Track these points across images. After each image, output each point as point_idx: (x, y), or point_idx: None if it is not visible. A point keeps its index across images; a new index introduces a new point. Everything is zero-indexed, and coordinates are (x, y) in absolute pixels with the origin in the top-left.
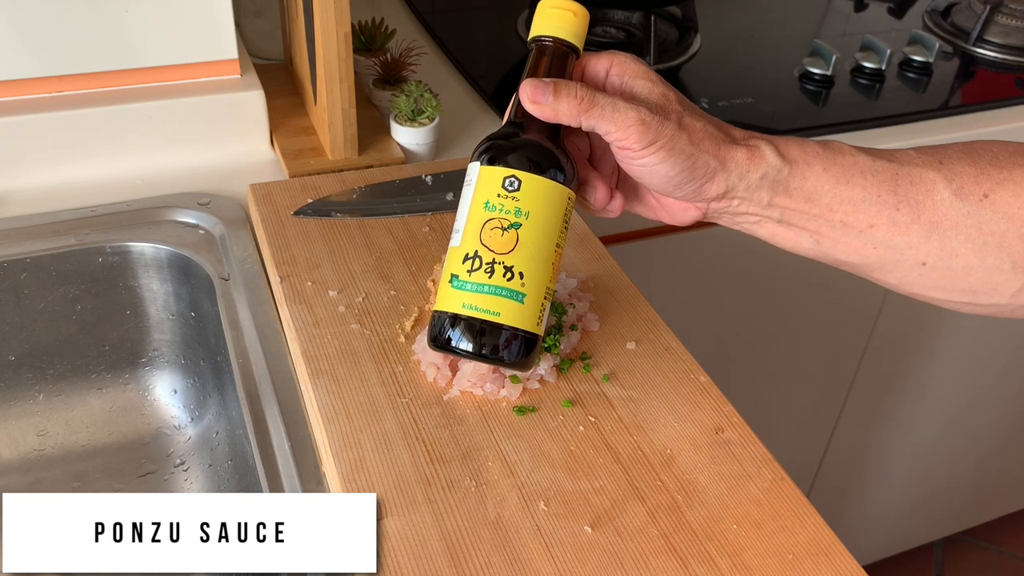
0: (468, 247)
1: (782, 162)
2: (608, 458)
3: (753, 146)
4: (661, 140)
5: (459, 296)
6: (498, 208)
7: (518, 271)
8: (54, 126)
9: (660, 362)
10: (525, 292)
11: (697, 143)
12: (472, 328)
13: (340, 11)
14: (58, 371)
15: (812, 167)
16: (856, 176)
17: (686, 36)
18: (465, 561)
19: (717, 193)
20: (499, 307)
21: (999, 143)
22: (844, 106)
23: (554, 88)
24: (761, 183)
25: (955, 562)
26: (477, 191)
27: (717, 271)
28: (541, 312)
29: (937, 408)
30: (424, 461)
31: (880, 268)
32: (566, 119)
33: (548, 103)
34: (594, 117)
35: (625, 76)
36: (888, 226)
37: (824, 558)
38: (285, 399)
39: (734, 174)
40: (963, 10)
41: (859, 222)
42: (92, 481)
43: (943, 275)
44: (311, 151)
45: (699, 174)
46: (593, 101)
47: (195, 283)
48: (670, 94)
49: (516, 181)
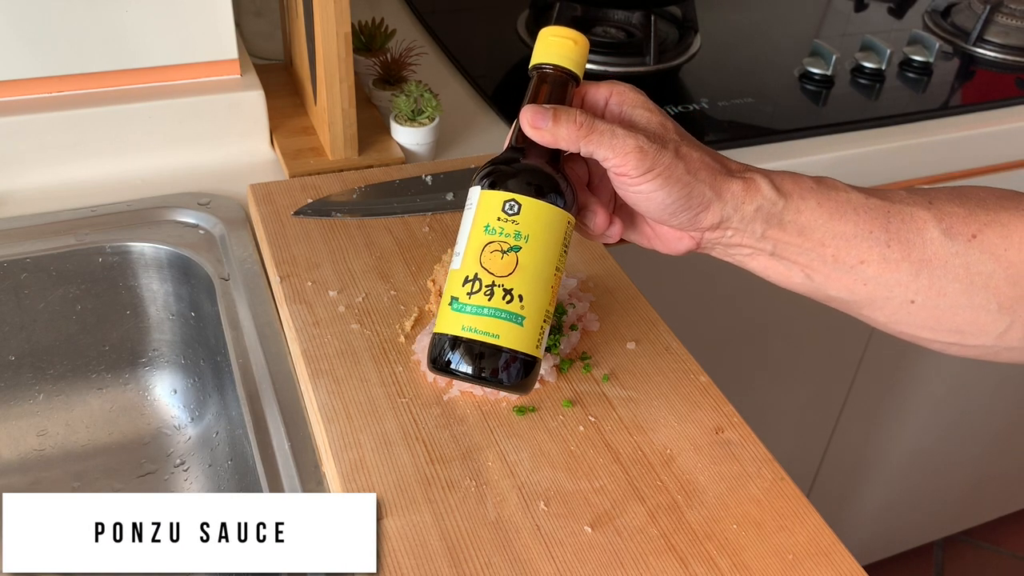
0: (468, 270)
1: (777, 195)
2: (608, 458)
3: (749, 178)
4: (658, 168)
5: (459, 319)
6: (498, 231)
7: (517, 293)
8: (54, 126)
9: (660, 362)
10: (524, 315)
11: (694, 172)
12: (471, 351)
13: (340, 11)
14: (58, 371)
15: (807, 201)
16: (849, 212)
17: (686, 36)
18: (465, 561)
19: (712, 223)
20: (498, 329)
21: (986, 188)
22: (844, 106)
23: (554, 114)
24: (756, 215)
25: (955, 562)
26: (478, 214)
27: (717, 271)
28: (540, 335)
29: (937, 408)
30: (424, 461)
31: (869, 305)
32: (565, 144)
33: (548, 128)
34: (593, 143)
35: (624, 105)
36: (879, 262)
37: (824, 558)
38: (285, 399)
39: (729, 205)
40: (963, 10)
41: (850, 257)
42: (92, 481)
43: (931, 313)
44: (311, 151)
45: (695, 203)
46: (592, 127)
47: (195, 283)
48: (668, 124)
49: (516, 205)
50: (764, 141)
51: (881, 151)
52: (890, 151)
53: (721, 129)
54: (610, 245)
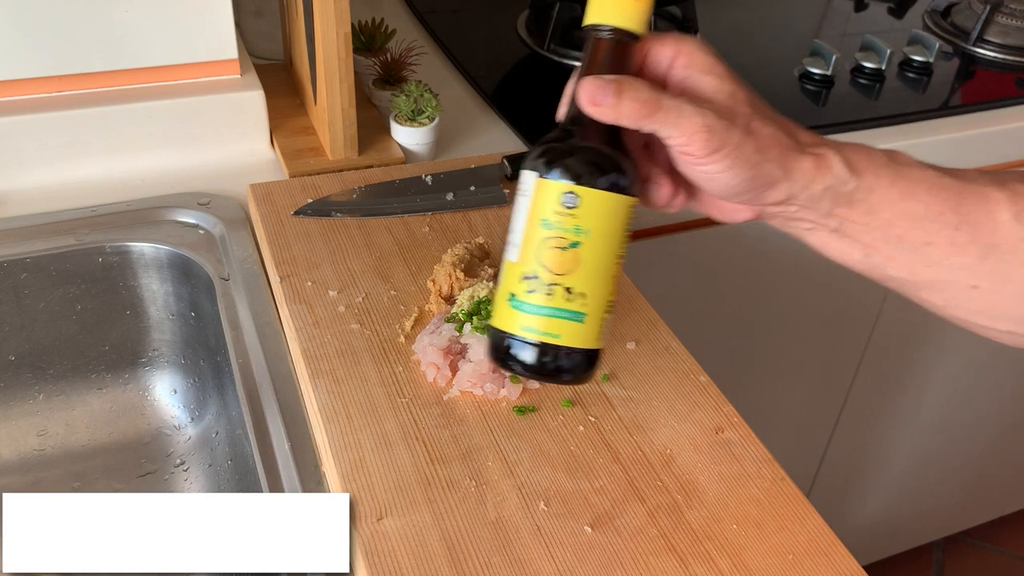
0: (526, 267)
1: (849, 173)
2: (608, 458)
3: (820, 154)
4: (727, 148)
5: (518, 317)
6: (557, 226)
7: (579, 291)
8: (54, 126)
9: (660, 362)
10: (586, 312)
11: (763, 151)
12: (531, 349)
13: (340, 11)
14: (58, 371)
15: (880, 179)
16: (922, 192)
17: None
18: (465, 561)
19: (776, 199)
20: (559, 330)
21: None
22: (844, 106)
23: (616, 89)
24: (824, 194)
25: (955, 562)
26: (534, 206)
27: (717, 271)
28: (602, 327)
29: (937, 408)
30: (424, 461)
31: (929, 287)
32: (627, 122)
33: (610, 105)
34: (658, 121)
35: (692, 68)
36: (946, 245)
37: (824, 558)
38: (285, 399)
39: (798, 184)
40: (963, 10)
41: (917, 239)
42: (92, 481)
43: (992, 300)
44: (311, 151)
45: (761, 183)
46: (658, 105)
47: (195, 283)
48: (739, 93)
49: (576, 198)
50: None
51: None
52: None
53: None
54: None
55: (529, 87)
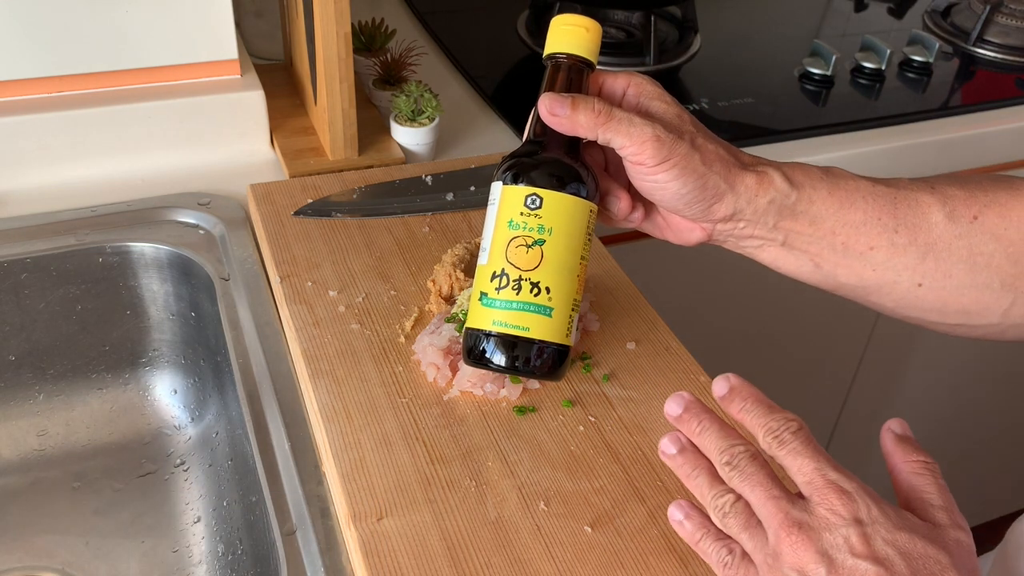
0: (495, 265)
1: (789, 187)
2: (608, 458)
3: (762, 171)
4: (674, 157)
5: (489, 313)
6: (522, 226)
7: (544, 286)
8: (54, 126)
9: (660, 362)
10: (553, 306)
11: (709, 164)
12: (504, 344)
13: (340, 11)
14: (58, 371)
15: (818, 191)
16: (858, 200)
17: (686, 36)
18: (465, 561)
19: (725, 214)
20: (528, 323)
21: (982, 174)
22: (844, 106)
23: (572, 101)
24: (768, 208)
25: None
26: (501, 210)
27: (717, 271)
28: (570, 324)
29: (936, 408)
30: (424, 461)
31: (878, 291)
32: (583, 131)
33: (566, 115)
34: (611, 130)
35: (641, 96)
36: (887, 248)
37: None
38: (285, 399)
39: (743, 198)
40: (963, 10)
41: (860, 244)
42: (92, 481)
43: (938, 296)
44: (311, 151)
45: (708, 194)
46: (611, 115)
47: (195, 283)
48: (685, 115)
49: (538, 199)
50: (764, 141)
51: (881, 151)
52: (890, 151)
53: (721, 129)
54: (611, 244)
55: (529, 87)
